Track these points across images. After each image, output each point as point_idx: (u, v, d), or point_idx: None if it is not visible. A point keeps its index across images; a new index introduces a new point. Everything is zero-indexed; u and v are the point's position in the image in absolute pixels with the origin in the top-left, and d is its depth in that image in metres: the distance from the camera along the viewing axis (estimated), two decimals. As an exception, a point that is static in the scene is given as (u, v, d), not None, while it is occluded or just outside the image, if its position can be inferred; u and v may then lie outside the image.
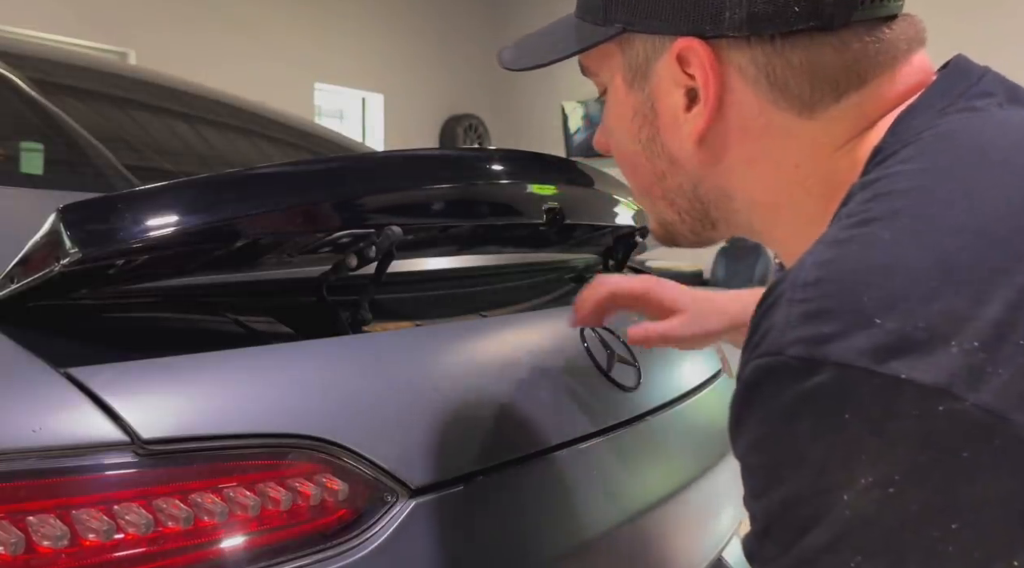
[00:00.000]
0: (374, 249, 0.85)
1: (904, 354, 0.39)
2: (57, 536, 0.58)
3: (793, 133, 0.54)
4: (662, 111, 0.58)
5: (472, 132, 7.63)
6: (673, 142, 0.59)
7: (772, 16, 0.51)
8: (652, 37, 0.57)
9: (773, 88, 0.53)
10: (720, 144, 0.57)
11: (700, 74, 0.55)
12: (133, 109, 1.58)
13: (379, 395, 0.80)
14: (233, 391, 0.71)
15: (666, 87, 0.57)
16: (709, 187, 0.60)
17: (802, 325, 0.42)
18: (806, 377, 0.41)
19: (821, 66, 0.52)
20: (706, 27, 0.53)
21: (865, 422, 0.40)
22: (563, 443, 0.94)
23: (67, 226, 0.64)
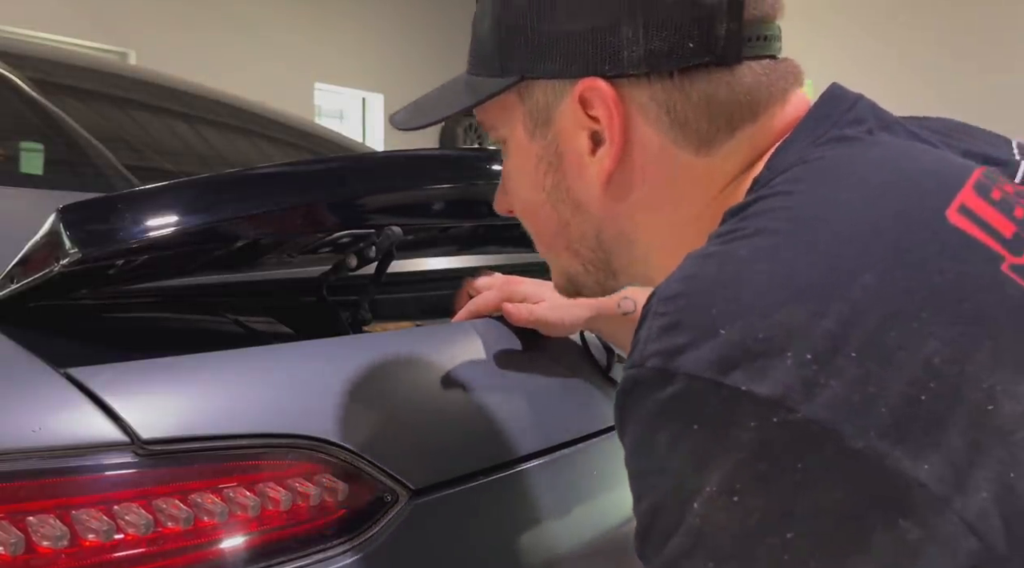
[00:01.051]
0: (374, 249, 0.85)
1: (744, 365, 0.40)
2: (57, 536, 0.58)
3: (691, 170, 0.55)
4: (567, 155, 0.58)
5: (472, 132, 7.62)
6: (579, 186, 0.58)
7: (669, 52, 0.52)
8: (552, 82, 0.56)
9: (674, 125, 0.54)
10: (625, 185, 0.57)
11: (604, 114, 0.55)
12: (133, 109, 1.58)
13: (379, 395, 0.80)
14: (233, 391, 0.71)
15: (570, 131, 0.57)
16: (612, 233, 0.60)
17: (660, 337, 0.44)
18: (662, 388, 0.43)
19: (717, 100, 0.54)
20: (605, 66, 0.53)
21: (711, 432, 0.41)
22: (563, 443, 0.94)
23: (67, 226, 0.64)
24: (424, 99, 0.68)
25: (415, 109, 0.67)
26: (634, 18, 0.52)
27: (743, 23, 0.53)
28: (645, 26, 0.52)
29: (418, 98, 0.68)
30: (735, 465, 0.40)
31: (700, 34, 0.52)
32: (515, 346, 1.02)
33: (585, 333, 1.08)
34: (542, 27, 0.55)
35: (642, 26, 0.52)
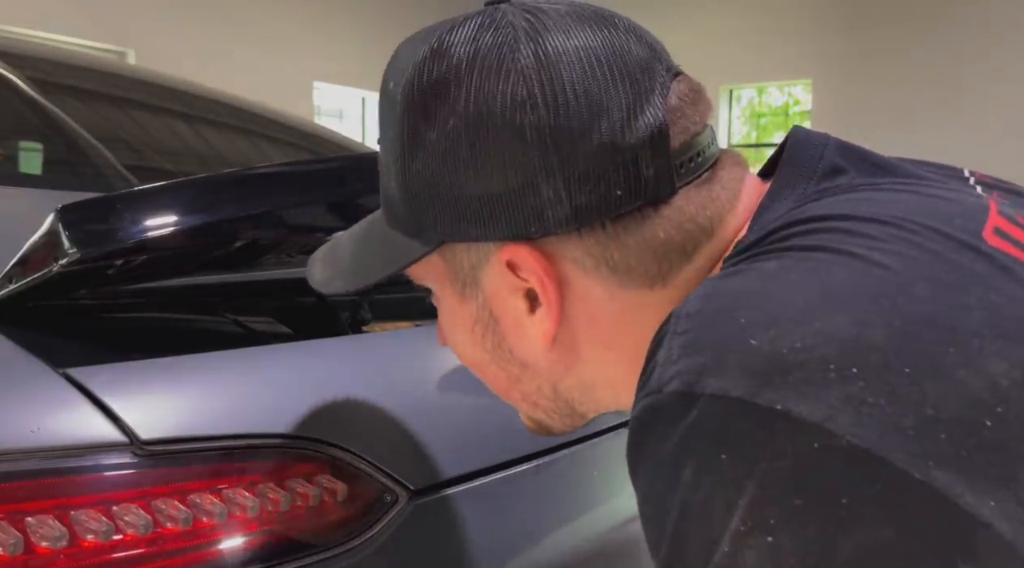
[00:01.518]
0: (374, 249, 0.85)
1: (779, 381, 0.36)
2: (56, 537, 0.58)
3: (647, 303, 0.50)
4: (503, 317, 0.53)
5: (472, 132, 7.61)
6: (522, 347, 0.53)
7: (597, 205, 0.47)
8: (474, 245, 0.51)
9: (616, 272, 0.49)
10: (572, 340, 0.52)
11: (535, 279, 0.50)
12: (133, 109, 1.57)
13: (379, 395, 0.80)
14: (233, 391, 0.71)
15: (502, 294, 0.52)
16: (570, 384, 0.55)
17: (681, 358, 0.39)
18: (684, 414, 0.38)
19: (660, 241, 0.49)
20: (531, 229, 0.48)
21: (741, 460, 0.36)
22: (563, 443, 0.94)
23: (66, 226, 0.64)
24: (338, 251, 0.62)
25: (331, 267, 0.62)
26: (551, 176, 0.47)
27: (671, 154, 0.48)
28: (566, 182, 0.47)
29: (331, 246, 0.64)
30: (769, 498, 0.36)
31: (626, 179, 0.47)
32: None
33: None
34: (453, 191, 0.49)
35: (563, 182, 0.47)
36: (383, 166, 0.54)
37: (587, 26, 0.49)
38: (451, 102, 0.48)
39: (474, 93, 0.47)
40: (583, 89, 0.47)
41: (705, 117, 0.51)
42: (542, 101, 0.47)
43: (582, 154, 0.47)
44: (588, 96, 0.47)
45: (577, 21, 0.49)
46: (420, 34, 0.52)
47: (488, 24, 0.49)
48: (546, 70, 0.47)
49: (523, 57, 0.47)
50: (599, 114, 0.47)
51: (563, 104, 0.47)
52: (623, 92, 0.47)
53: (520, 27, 0.48)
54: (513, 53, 0.47)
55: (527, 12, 0.49)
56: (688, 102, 0.50)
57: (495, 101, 0.47)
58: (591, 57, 0.48)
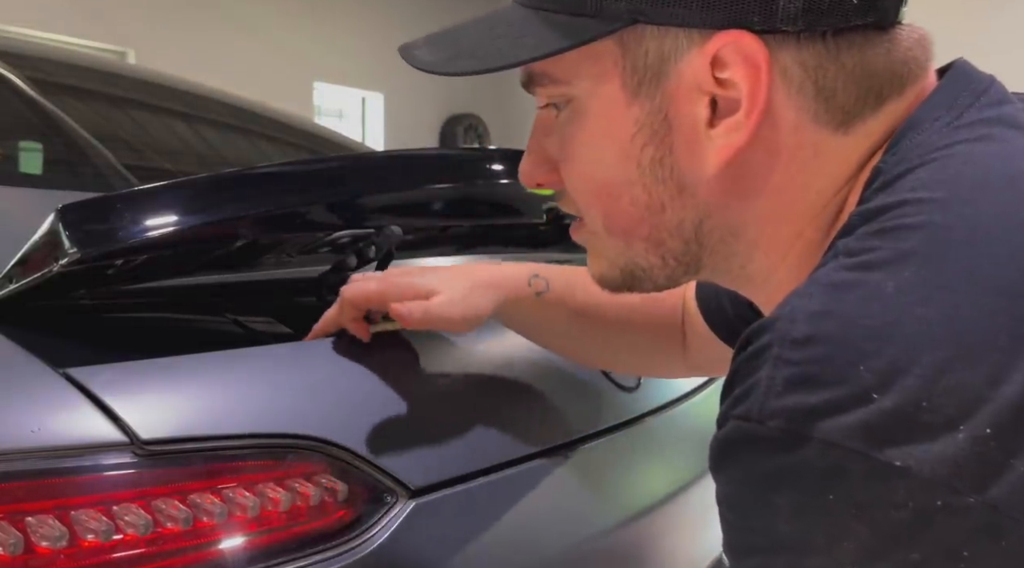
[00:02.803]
0: (374, 249, 0.85)
1: (903, 438, 0.33)
2: (56, 537, 0.58)
3: (823, 152, 0.46)
4: (678, 125, 0.46)
5: (472, 132, 7.62)
6: (689, 164, 0.47)
7: (830, 8, 0.42)
8: (673, 31, 0.44)
9: (818, 97, 0.45)
10: (744, 169, 0.46)
11: (745, 78, 0.44)
12: (132, 109, 1.57)
13: (379, 395, 0.80)
14: (233, 391, 0.71)
15: (686, 95, 0.46)
16: (716, 224, 0.49)
17: (787, 393, 0.36)
18: (788, 450, 0.36)
19: (873, 70, 0.45)
20: (754, 17, 0.42)
21: (853, 507, 0.34)
22: (563, 444, 0.94)
23: (66, 226, 0.64)
24: (459, 34, 0.53)
25: (451, 46, 0.53)
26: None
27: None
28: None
29: (443, 29, 0.55)
30: (883, 548, 0.34)
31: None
32: (515, 346, 1.02)
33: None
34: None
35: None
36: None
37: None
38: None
39: None
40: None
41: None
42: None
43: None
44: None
45: None
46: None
47: None
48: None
49: None
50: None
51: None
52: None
53: None
54: None
55: None
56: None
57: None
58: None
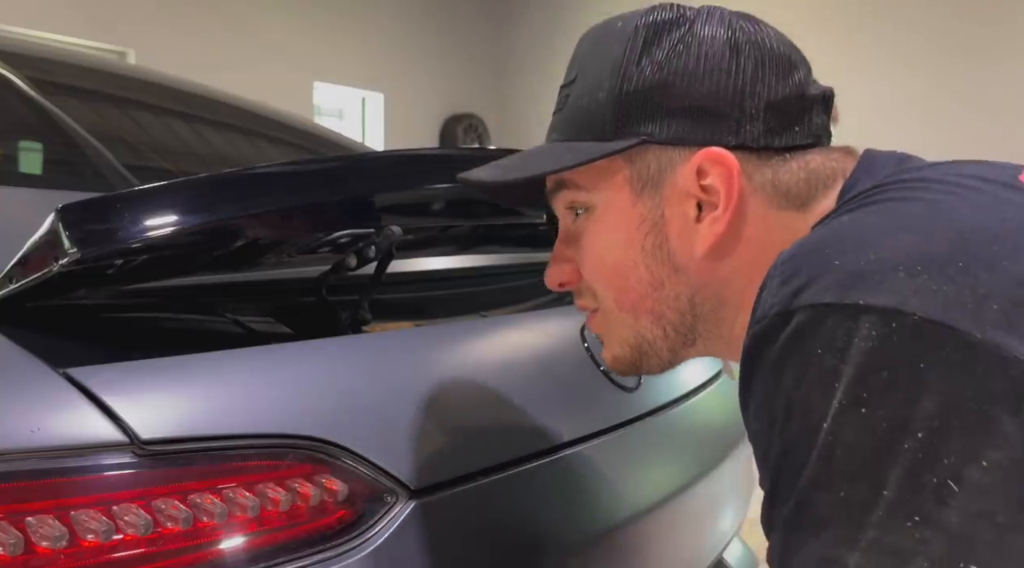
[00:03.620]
0: (374, 249, 0.85)
1: (859, 285, 0.45)
2: (56, 536, 0.58)
3: (791, 228, 0.59)
4: (672, 219, 0.61)
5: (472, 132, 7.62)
6: (681, 249, 0.61)
7: (779, 132, 0.59)
8: (668, 149, 0.60)
9: (777, 193, 0.59)
10: (727, 249, 0.60)
11: (722, 183, 0.58)
12: (133, 109, 1.57)
13: (379, 395, 0.80)
14: (232, 391, 0.71)
15: (679, 197, 0.60)
16: (707, 295, 0.62)
17: (780, 288, 0.48)
18: (785, 326, 0.47)
19: (816, 170, 0.60)
20: (728, 137, 0.58)
21: (835, 351, 0.44)
22: (563, 443, 0.94)
23: (66, 226, 0.64)
24: (509, 161, 0.69)
25: (501, 168, 0.68)
26: (756, 97, 0.58)
27: (825, 113, 0.62)
28: (766, 105, 0.58)
29: (498, 161, 0.70)
30: (859, 376, 0.43)
31: (803, 120, 0.60)
32: (515, 346, 1.02)
33: (586, 332, 1.08)
34: (667, 96, 0.59)
35: (764, 105, 0.58)
36: (583, 85, 0.63)
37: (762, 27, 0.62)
38: (679, 31, 0.60)
39: (699, 26, 0.60)
40: (780, 48, 0.60)
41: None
42: (755, 39, 0.60)
43: (781, 87, 0.59)
44: (783, 53, 0.60)
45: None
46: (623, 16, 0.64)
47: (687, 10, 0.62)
48: (752, 26, 0.61)
49: (734, 19, 0.61)
50: (792, 67, 0.60)
51: (768, 48, 0.60)
52: (803, 63, 0.62)
53: (715, 16, 0.61)
54: (725, 14, 0.61)
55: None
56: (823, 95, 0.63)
57: (718, 33, 0.59)
58: (781, 36, 0.62)
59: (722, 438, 1.28)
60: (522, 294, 1.30)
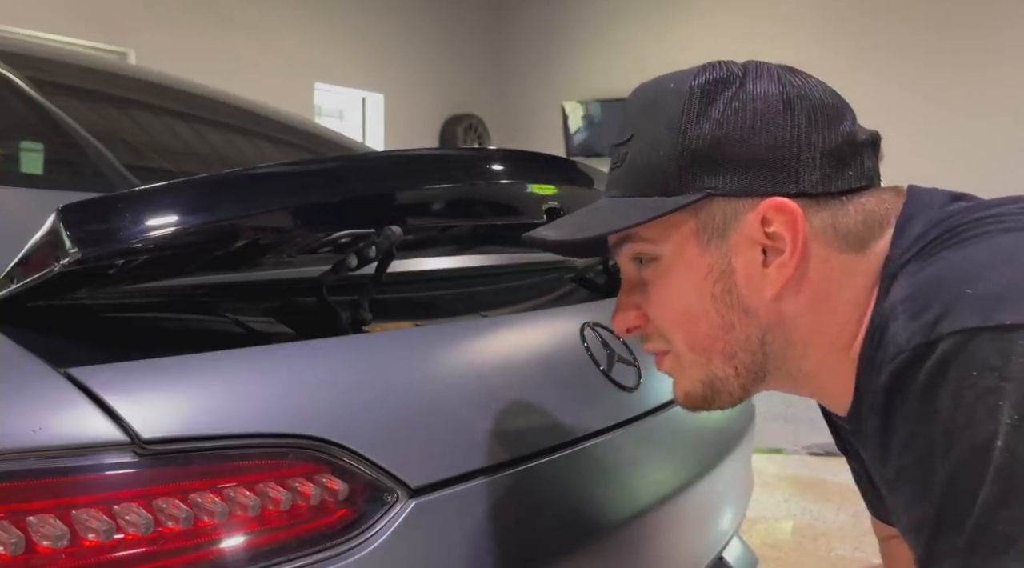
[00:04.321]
0: (374, 249, 0.85)
1: (999, 307, 0.47)
2: (57, 536, 0.58)
3: (851, 270, 0.63)
4: (740, 267, 0.64)
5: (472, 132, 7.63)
6: (749, 294, 0.64)
7: (836, 177, 0.62)
8: (734, 199, 0.63)
9: (837, 236, 0.63)
10: (792, 292, 0.64)
11: (787, 230, 0.62)
12: (133, 109, 1.58)
13: (379, 395, 0.80)
14: (233, 391, 0.71)
15: (745, 245, 0.64)
16: (776, 335, 0.66)
17: (911, 322, 0.51)
18: (930, 355, 0.49)
19: (871, 211, 0.63)
20: (788, 187, 0.61)
21: (991, 370, 0.46)
22: (563, 443, 0.94)
23: (67, 226, 0.64)
24: (574, 220, 0.71)
25: (570, 227, 0.70)
26: (812, 147, 0.61)
27: (875, 156, 0.65)
28: (822, 154, 0.61)
29: (560, 219, 0.73)
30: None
31: (856, 164, 0.63)
32: (515, 346, 1.02)
33: (586, 332, 1.08)
34: (728, 152, 0.62)
35: (819, 154, 0.61)
36: (643, 143, 0.66)
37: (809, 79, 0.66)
38: (732, 89, 0.63)
39: (751, 84, 0.63)
40: (827, 98, 0.64)
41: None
42: (804, 92, 0.63)
43: (833, 135, 0.62)
44: (832, 103, 0.64)
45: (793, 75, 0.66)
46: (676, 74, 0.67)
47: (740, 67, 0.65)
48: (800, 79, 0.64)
49: (782, 73, 0.64)
50: (840, 116, 0.63)
51: (817, 99, 0.63)
52: (848, 110, 0.65)
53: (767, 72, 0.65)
54: (773, 70, 0.64)
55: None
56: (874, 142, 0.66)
57: (770, 89, 0.63)
58: (825, 86, 0.65)
59: (722, 437, 1.29)
60: (522, 294, 1.30)
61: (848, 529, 2.53)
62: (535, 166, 1.11)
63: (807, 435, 3.58)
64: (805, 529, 2.53)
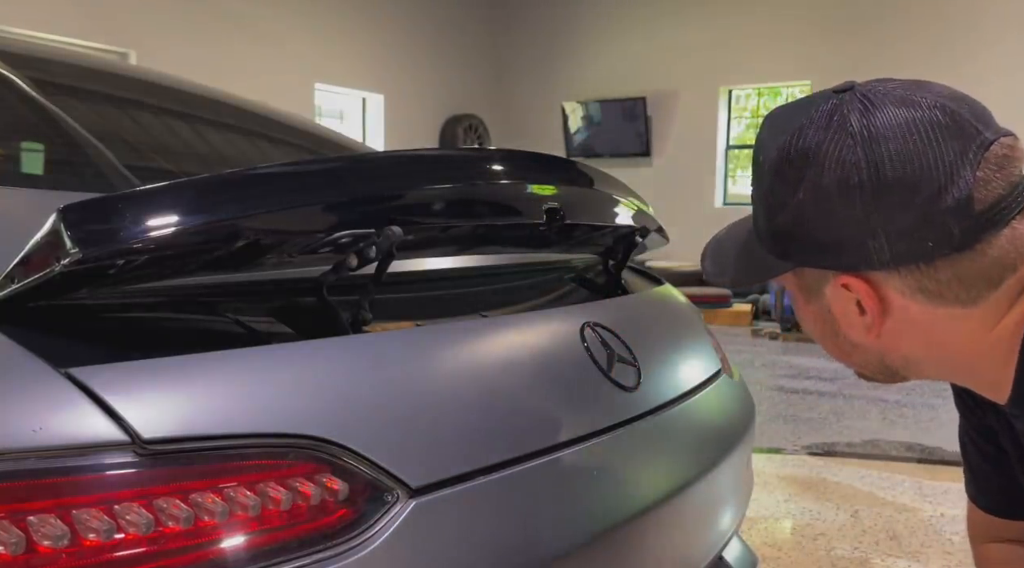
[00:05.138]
0: (374, 249, 0.85)
1: None
2: (57, 536, 0.58)
3: (958, 317, 0.67)
4: (839, 316, 0.72)
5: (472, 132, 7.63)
6: (853, 334, 0.72)
7: (912, 252, 0.64)
8: (819, 271, 0.71)
9: (931, 297, 0.66)
10: (895, 334, 0.70)
11: (863, 298, 0.69)
12: (133, 109, 1.58)
13: (379, 395, 0.80)
14: (233, 391, 0.71)
15: (839, 301, 0.71)
16: (893, 358, 0.74)
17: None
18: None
19: (968, 275, 0.65)
20: (860, 266, 0.67)
21: None
22: (563, 443, 0.94)
23: (68, 226, 0.64)
24: (724, 255, 0.82)
25: (719, 266, 0.83)
26: (875, 235, 0.64)
27: (975, 216, 0.62)
28: (887, 236, 0.64)
29: (719, 248, 0.83)
30: None
31: (937, 235, 0.63)
32: (515, 346, 1.02)
33: (586, 332, 1.08)
34: (806, 237, 0.69)
35: (884, 237, 0.64)
36: (756, 208, 0.75)
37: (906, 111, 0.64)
38: (804, 177, 0.66)
39: (819, 173, 0.65)
40: (901, 171, 0.63)
41: (1017, 171, 0.65)
42: (868, 178, 0.63)
43: (899, 217, 0.63)
44: (905, 174, 0.63)
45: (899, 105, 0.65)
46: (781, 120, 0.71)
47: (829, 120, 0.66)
48: (871, 160, 0.64)
49: (853, 154, 0.64)
50: (914, 189, 0.63)
51: (883, 183, 0.63)
52: (934, 169, 0.63)
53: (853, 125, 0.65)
54: (847, 150, 0.65)
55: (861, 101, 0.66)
56: (996, 168, 0.64)
57: (834, 179, 0.65)
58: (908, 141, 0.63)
59: (721, 437, 1.29)
60: (522, 294, 1.30)
61: (847, 529, 2.53)
62: (535, 166, 1.11)
63: (807, 435, 3.59)
64: (805, 529, 2.54)
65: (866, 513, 2.67)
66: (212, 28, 5.46)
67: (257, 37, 5.73)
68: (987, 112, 0.67)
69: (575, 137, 7.72)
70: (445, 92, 7.37)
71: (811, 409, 4.02)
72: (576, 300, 1.31)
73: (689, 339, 1.37)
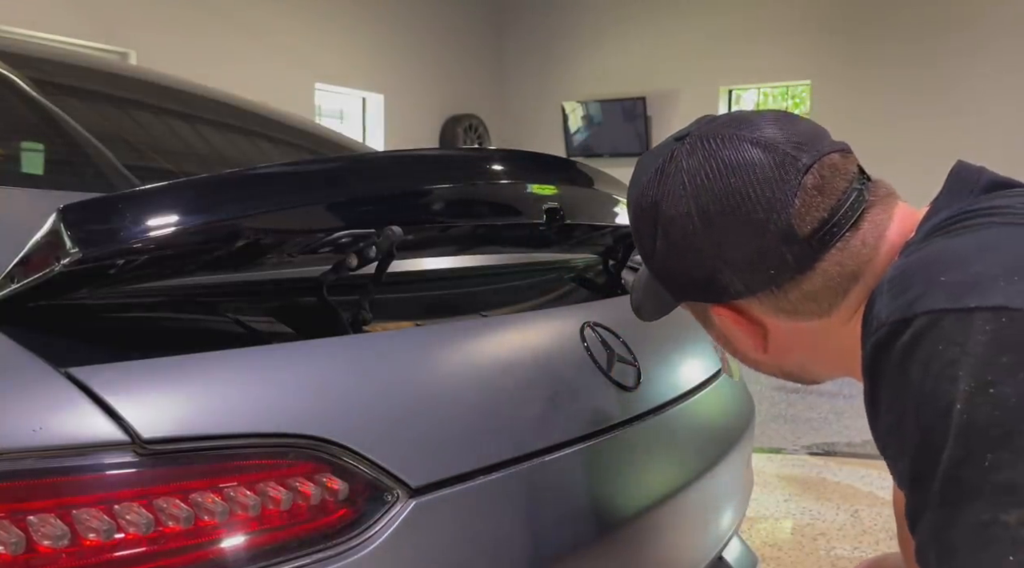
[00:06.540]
0: (374, 249, 0.85)
1: (969, 292, 0.54)
2: (57, 536, 0.58)
3: (823, 328, 0.72)
4: (731, 338, 0.79)
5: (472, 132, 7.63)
6: (749, 352, 0.79)
7: (758, 281, 0.70)
8: (699, 303, 0.78)
9: (791, 315, 0.72)
10: (781, 347, 0.76)
11: (737, 324, 0.75)
12: (133, 109, 1.58)
13: (379, 395, 0.80)
14: (233, 391, 0.72)
15: (725, 327, 0.77)
16: (789, 367, 0.80)
17: (894, 301, 0.58)
18: (905, 330, 0.56)
19: (814, 292, 0.69)
20: (722, 298, 0.73)
21: (955, 345, 0.53)
22: (563, 443, 0.94)
23: (68, 226, 0.64)
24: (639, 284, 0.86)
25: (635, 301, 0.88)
26: (723, 271, 0.70)
27: (802, 241, 0.67)
28: (734, 271, 0.70)
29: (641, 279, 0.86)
30: (982, 363, 0.52)
31: (775, 263, 0.68)
32: (515, 346, 1.02)
33: (586, 332, 1.08)
34: (676, 278, 0.75)
35: (732, 272, 0.70)
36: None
37: (728, 153, 0.69)
38: (656, 231, 0.73)
39: (665, 225, 0.71)
40: (727, 212, 0.68)
41: (839, 190, 0.68)
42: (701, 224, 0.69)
43: (737, 253, 0.69)
44: (730, 215, 0.68)
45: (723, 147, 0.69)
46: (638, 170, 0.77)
47: (663, 174, 0.72)
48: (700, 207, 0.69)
49: (685, 205, 0.70)
50: (741, 226, 0.67)
51: (714, 226, 0.68)
52: (756, 205, 0.67)
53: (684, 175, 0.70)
54: (680, 201, 0.70)
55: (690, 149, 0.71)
56: (816, 192, 0.67)
57: (676, 229, 0.71)
58: (728, 182, 0.68)
59: (721, 437, 1.29)
60: (522, 294, 1.30)
61: (847, 528, 2.53)
62: (535, 166, 1.11)
63: (807, 435, 3.59)
64: (805, 529, 2.54)
65: (866, 513, 2.67)
66: (212, 28, 5.46)
67: (257, 37, 5.73)
68: (812, 132, 0.71)
69: (575, 137, 7.72)
70: (445, 92, 7.37)
71: (811, 409, 4.02)
72: (576, 300, 1.31)
73: (689, 339, 1.37)
